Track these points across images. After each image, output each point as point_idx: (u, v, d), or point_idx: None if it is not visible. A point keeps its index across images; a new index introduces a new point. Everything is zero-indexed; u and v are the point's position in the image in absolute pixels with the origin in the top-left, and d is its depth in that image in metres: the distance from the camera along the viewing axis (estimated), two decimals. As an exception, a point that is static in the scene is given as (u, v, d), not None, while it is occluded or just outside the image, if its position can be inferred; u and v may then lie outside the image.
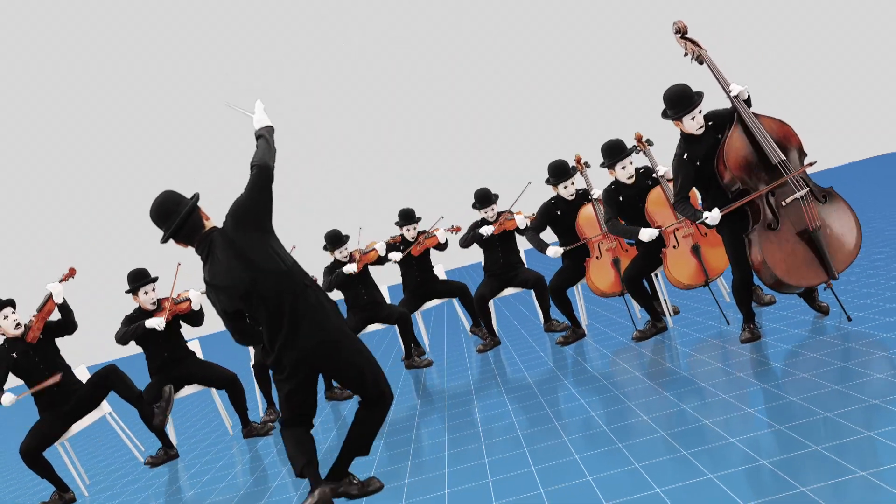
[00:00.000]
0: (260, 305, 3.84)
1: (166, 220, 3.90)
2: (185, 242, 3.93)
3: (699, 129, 5.23)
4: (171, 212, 3.89)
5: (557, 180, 7.18)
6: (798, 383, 4.08)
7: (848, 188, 24.00)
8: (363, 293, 8.24)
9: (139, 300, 6.78)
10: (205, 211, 3.98)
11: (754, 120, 5.06)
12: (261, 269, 3.83)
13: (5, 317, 6.13)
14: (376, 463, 4.87)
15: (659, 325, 6.53)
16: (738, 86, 5.12)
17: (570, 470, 3.72)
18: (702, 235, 6.27)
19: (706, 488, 3.04)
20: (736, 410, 3.92)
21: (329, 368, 3.93)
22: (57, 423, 6.26)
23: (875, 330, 4.73)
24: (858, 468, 2.83)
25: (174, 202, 3.91)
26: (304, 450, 3.98)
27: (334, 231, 8.13)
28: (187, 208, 3.88)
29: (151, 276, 6.79)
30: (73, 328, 6.41)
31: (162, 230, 3.94)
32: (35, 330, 6.18)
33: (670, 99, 5.25)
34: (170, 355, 6.84)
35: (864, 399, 3.55)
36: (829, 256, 4.97)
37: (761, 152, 5.05)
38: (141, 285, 6.72)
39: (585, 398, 5.04)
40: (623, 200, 6.49)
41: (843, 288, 6.50)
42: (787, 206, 5.01)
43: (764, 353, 4.91)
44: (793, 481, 2.88)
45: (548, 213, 7.31)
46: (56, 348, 6.36)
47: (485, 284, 8.22)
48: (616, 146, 6.41)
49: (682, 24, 5.37)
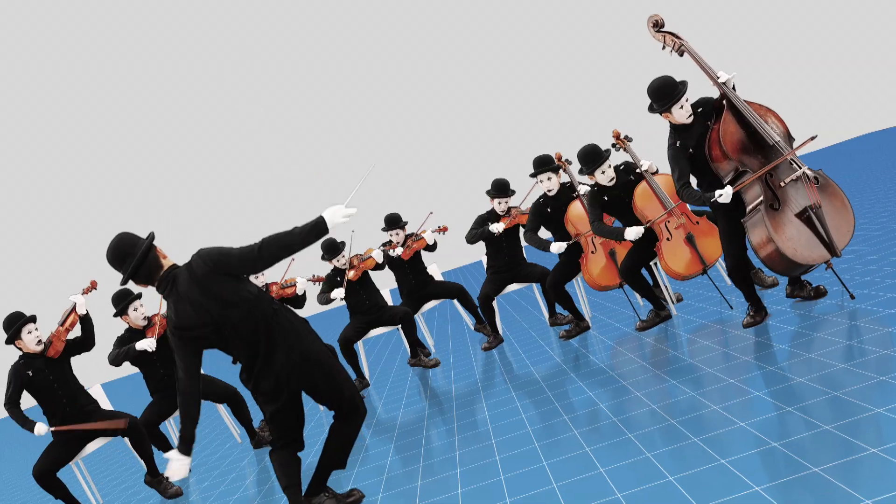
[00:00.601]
0: (233, 336, 3.87)
1: (122, 262, 3.87)
2: (145, 283, 3.91)
3: (689, 117, 5.22)
4: (127, 254, 3.86)
5: (538, 171, 7.19)
6: (804, 364, 4.08)
7: (831, 170, 24.01)
8: (365, 298, 8.23)
9: (129, 320, 6.68)
10: (161, 249, 3.96)
11: (745, 104, 5.06)
12: (228, 300, 3.83)
13: (28, 332, 6.10)
14: (387, 466, 4.87)
15: (662, 314, 6.53)
16: (725, 73, 5.12)
17: (581, 463, 3.72)
18: (693, 224, 6.26)
19: (719, 474, 3.04)
20: (744, 394, 3.92)
21: (308, 387, 3.99)
22: (71, 444, 6.24)
23: (879, 306, 4.73)
24: (870, 445, 2.83)
25: (129, 244, 3.88)
26: (287, 472, 4.04)
27: (330, 240, 8.11)
28: (142, 249, 3.84)
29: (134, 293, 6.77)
30: (92, 344, 6.40)
31: (119, 272, 3.93)
32: (58, 343, 6.16)
33: (655, 92, 5.24)
34: (167, 372, 6.75)
35: (871, 376, 3.55)
36: (831, 234, 4.98)
37: (755, 135, 5.05)
38: (128, 304, 6.63)
39: (593, 390, 5.04)
40: (609, 200, 6.49)
41: (843, 266, 6.51)
42: (785, 186, 5.01)
43: (768, 336, 4.91)
44: (805, 462, 2.88)
45: (539, 212, 7.32)
46: (70, 367, 6.34)
47: (489, 283, 8.19)
48: (592, 153, 6.37)
49: (659, 17, 5.34)
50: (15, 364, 6.15)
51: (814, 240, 4.97)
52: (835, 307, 5.08)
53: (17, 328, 6.05)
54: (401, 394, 7.41)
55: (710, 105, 5.30)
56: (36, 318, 6.18)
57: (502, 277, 8.19)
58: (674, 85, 5.19)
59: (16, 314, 6.14)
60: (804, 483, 2.72)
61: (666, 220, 6.26)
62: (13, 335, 6.07)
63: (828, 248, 4.96)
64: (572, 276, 7.29)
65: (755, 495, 2.75)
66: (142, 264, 3.86)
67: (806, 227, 4.98)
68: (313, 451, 6.08)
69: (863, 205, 11.04)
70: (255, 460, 6.45)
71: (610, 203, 6.50)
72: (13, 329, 6.05)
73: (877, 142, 38.16)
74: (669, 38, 5.28)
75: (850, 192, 14.08)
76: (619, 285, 6.97)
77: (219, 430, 9.17)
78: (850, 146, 44.63)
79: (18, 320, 6.09)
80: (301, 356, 3.93)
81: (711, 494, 2.88)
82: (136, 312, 6.68)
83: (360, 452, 5.50)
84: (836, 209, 5.03)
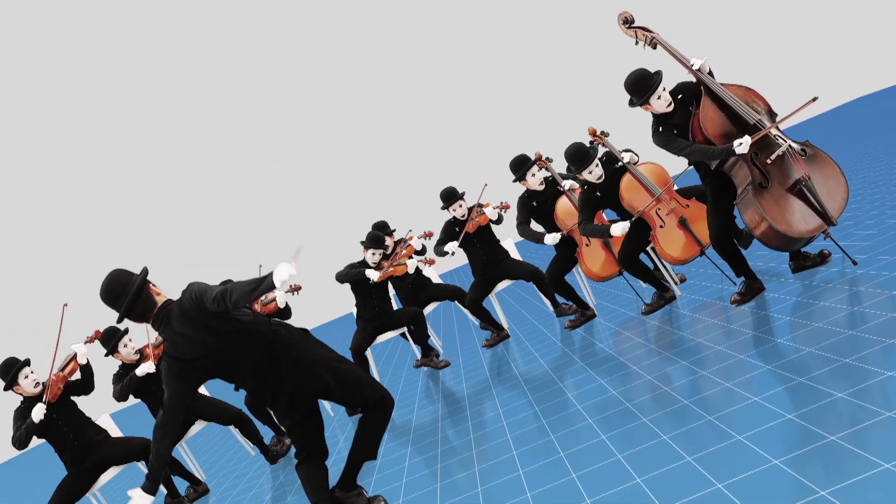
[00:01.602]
0: (236, 365, 3.86)
1: (116, 301, 3.82)
2: (140, 320, 3.87)
3: (668, 105, 5.27)
4: (119, 294, 3.80)
5: (519, 172, 7.20)
6: (812, 334, 4.09)
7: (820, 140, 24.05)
8: (375, 304, 8.00)
9: (121, 356, 6.72)
10: (155, 286, 3.90)
11: (721, 87, 5.10)
12: (223, 330, 3.81)
13: (25, 377, 6.09)
14: (406, 470, 4.87)
15: (666, 296, 6.54)
16: (699, 59, 5.16)
17: (598, 451, 3.73)
18: (684, 207, 6.27)
19: (736, 451, 3.05)
20: (754, 369, 3.93)
21: (322, 393, 3.99)
22: (84, 478, 6.24)
23: (882, 270, 4.74)
24: (884, 409, 2.84)
25: (121, 284, 3.81)
26: (314, 487, 4.03)
27: (373, 234, 7.84)
28: (134, 289, 3.78)
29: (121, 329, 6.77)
30: (91, 389, 6.40)
31: (114, 310, 3.89)
32: (55, 389, 6.15)
33: (631, 86, 5.30)
34: None
35: (881, 340, 3.56)
36: (824, 203, 4.99)
37: (736, 116, 5.08)
38: (117, 341, 6.65)
39: (603, 378, 5.05)
40: (601, 195, 6.51)
41: (842, 234, 6.52)
42: (772, 162, 5.03)
43: (773, 308, 4.93)
44: (821, 431, 2.89)
45: (526, 206, 7.33)
46: (73, 403, 6.33)
47: (475, 287, 8.13)
48: (580, 152, 6.36)
49: (628, 14, 5.36)
50: (18, 408, 6.16)
51: (808, 211, 4.99)
52: (836, 275, 5.09)
53: (14, 374, 6.06)
54: (413, 397, 7.42)
55: (690, 90, 5.34)
56: (30, 362, 6.18)
57: (489, 278, 8.13)
58: (648, 76, 5.26)
59: (10, 360, 6.13)
60: (822, 452, 2.73)
61: (656, 207, 6.27)
62: (10, 381, 6.07)
63: (823, 218, 4.98)
64: (570, 268, 7.29)
65: (774, 468, 2.76)
66: (135, 303, 3.80)
67: (799, 201, 5.00)
68: (337, 448, 6.09)
69: (855, 170, 11.07)
70: (270, 476, 6.45)
71: (602, 199, 6.51)
72: (10, 375, 6.06)
73: (859, 109, 38.24)
74: (641, 32, 5.31)
75: (840, 160, 14.10)
76: (619, 273, 6.98)
77: (234, 448, 9.18)
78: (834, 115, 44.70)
79: (14, 366, 6.09)
80: (307, 366, 3.93)
81: (731, 472, 2.89)
82: (126, 349, 6.72)
83: (378, 458, 5.51)
84: (826, 177, 5.05)
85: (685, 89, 5.35)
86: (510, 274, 8.13)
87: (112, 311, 4.40)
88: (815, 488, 2.50)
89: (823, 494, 2.45)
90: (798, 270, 5.60)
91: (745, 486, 2.73)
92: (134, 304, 3.80)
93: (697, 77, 5.15)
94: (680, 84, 5.40)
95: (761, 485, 2.69)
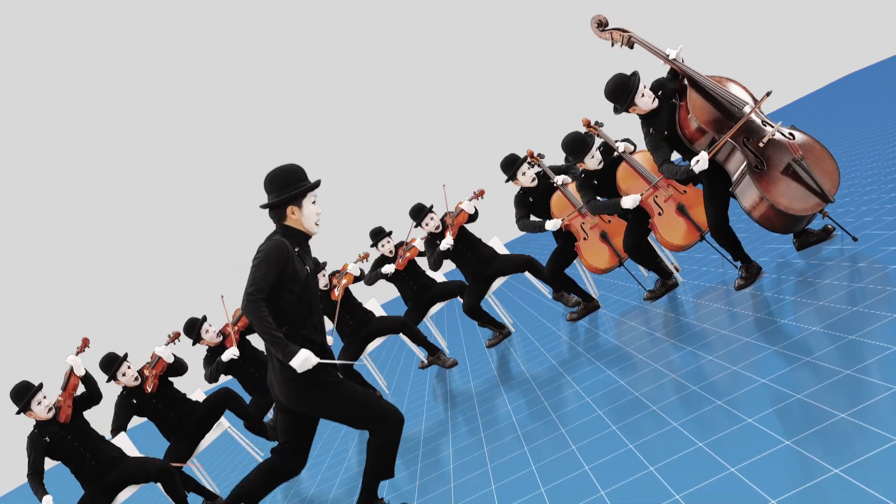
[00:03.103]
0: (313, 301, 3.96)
1: (274, 189, 3.87)
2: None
3: (653, 102, 5.30)
4: (284, 184, 3.87)
5: (510, 172, 7.23)
6: (817, 312, 4.09)
7: (806, 122, 24.06)
8: (348, 318, 8.03)
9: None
10: (294, 214, 3.89)
11: (701, 75, 5.13)
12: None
13: (38, 403, 6.08)
14: (419, 472, 4.88)
15: (669, 283, 6.54)
16: (672, 49, 5.19)
17: (610, 442, 3.73)
18: (682, 194, 6.27)
19: (748, 434, 3.06)
20: (760, 351, 3.93)
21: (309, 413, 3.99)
22: (102, 496, 6.23)
23: (883, 244, 4.74)
24: (892, 383, 2.85)
25: (295, 174, 3.89)
26: (253, 485, 4.01)
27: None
28: (283, 198, 3.83)
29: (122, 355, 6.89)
30: (99, 398, 6.40)
31: (271, 196, 3.90)
32: (66, 409, 6.14)
33: (612, 93, 5.38)
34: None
35: (885, 315, 3.57)
36: (819, 181, 5.00)
37: (721, 104, 5.12)
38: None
39: (610, 368, 5.05)
40: (598, 183, 6.52)
41: (840, 211, 6.53)
42: (765, 146, 5.05)
43: (777, 289, 4.93)
44: (831, 409, 2.89)
45: (523, 202, 7.38)
46: (85, 421, 6.33)
47: (470, 292, 8.14)
48: (578, 141, 6.39)
49: (602, 17, 5.36)
50: (31, 434, 6.14)
51: (804, 191, 5.00)
52: (836, 252, 5.10)
53: (27, 401, 6.05)
54: (421, 399, 7.43)
55: (668, 85, 5.38)
56: (43, 386, 6.17)
57: (482, 279, 8.16)
58: (626, 80, 5.32)
59: (23, 385, 6.11)
60: (833, 430, 2.73)
61: (654, 194, 6.27)
62: (24, 407, 6.06)
63: (819, 196, 4.99)
64: (569, 261, 7.30)
65: (787, 449, 2.76)
66: (274, 206, 3.88)
67: (794, 181, 5.01)
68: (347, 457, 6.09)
69: (842, 151, 11.07)
70: (357, 435, 6.46)
71: (600, 186, 6.53)
72: (24, 402, 6.05)
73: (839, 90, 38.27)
74: (617, 33, 5.32)
75: (828, 140, 14.10)
76: (619, 264, 6.99)
77: (246, 460, 9.18)
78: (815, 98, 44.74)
79: (27, 391, 6.08)
80: (278, 385, 3.90)
81: (744, 455, 2.90)
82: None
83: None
84: (816, 157, 5.08)
85: (662, 86, 5.42)
86: (503, 270, 8.14)
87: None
88: (828, 466, 2.51)
89: (837, 472, 2.45)
90: (802, 248, 5.61)
91: (759, 469, 2.73)
92: (274, 205, 3.90)
93: (677, 67, 5.17)
94: (656, 81, 5.46)
95: (774, 466, 2.69)
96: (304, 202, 3.90)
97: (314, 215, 3.94)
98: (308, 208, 3.91)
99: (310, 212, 3.92)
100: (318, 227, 3.96)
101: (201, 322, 7.53)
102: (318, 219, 3.95)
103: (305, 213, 3.91)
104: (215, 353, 7.60)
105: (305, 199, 3.90)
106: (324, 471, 6.27)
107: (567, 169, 7.12)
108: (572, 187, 7.09)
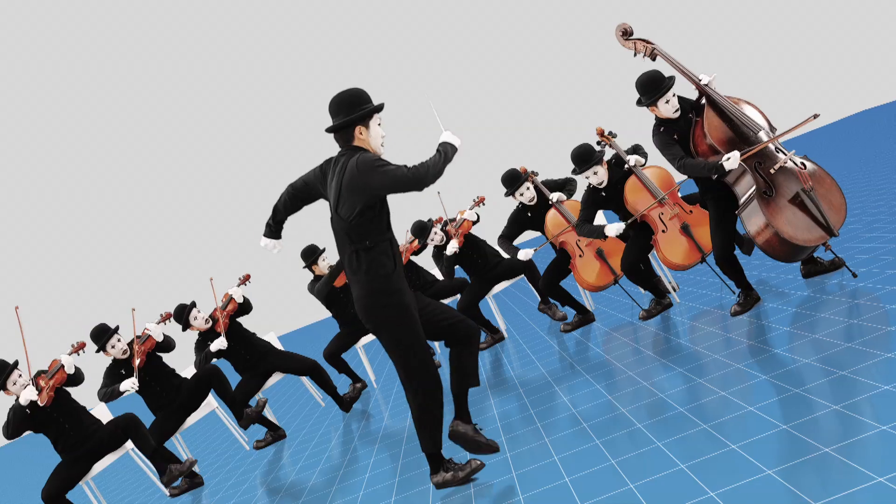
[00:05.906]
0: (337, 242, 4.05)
1: (341, 111, 3.91)
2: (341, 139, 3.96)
3: (675, 112, 5.27)
4: (351, 105, 3.90)
5: (513, 188, 7.30)
6: (812, 344, 4.08)
7: (817, 154, 24.05)
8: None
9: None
10: (362, 135, 3.92)
11: (724, 98, 5.13)
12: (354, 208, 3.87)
13: (13, 383, 6.09)
14: (399, 469, 4.87)
15: (664, 302, 6.54)
16: (707, 75, 5.20)
17: (592, 456, 3.72)
18: (687, 213, 6.27)
19: (730, 460, 3.05)
20: (750, 378, 3.93)
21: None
22: (79, 465, 6.25)
23: (882, 283, 4.74)
24: (879, 423, 2.84)
25: (360, 97, 3.92)
26: None
27: (311, 246, 8.18)
28: (352, 117, 3.86)
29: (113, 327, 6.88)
30: (82, 380, 6.45)
31: (335, 118, 3.95)
32: (49, 392, 6.15)
33: (643, 85, 5.29)
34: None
35: (879, 353, 3.56)
36: (826, 214, 5.00)
37: (738, 127, 5.11)
38: (108, 339, 6.78)
39: (599, 383, 5.04)
40: (605, 195, 6.53)
41: (842, 246, 6.52)
42: (776, 173, 5.05)
43: (772, 319, 4.92)
44: (815, 443, 2.88)
45: (519, 220, 7.48)
46: (67, 394, 6.34)
47: (469, 290, 8.19)
48: (584, 152, 6.40)
49: (627, 25, 5.35)
50: (13, 406, 6.19)
51: (810, 222, 4.99)
52: (835, 287, 5.09)
53: (3, 380, 6.05)
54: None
55: (690, 104, 5.37)
56: (18, 363, 6.17)
57: (484, 281, 8.23)
58: (661, 79, 5.26)
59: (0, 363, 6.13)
60: (816, 464, 2.72)
61: (659, 211, 6.26)
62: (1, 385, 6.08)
63: (824, 229, 4.98)
64: (564, 275, 7.34)
65: (767, 479, 2.76)
66: (342, 127, 3.91)
67: (800, 211, 5.01)
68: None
69: (850, 186, 11.06)
70: (343, 428, 6.45)
71: (608, 199, 6.53)
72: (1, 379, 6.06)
73: (854, 125, 38.26)
74: (641, 44, 5.30)
75: (837, 174, 14.09)
76: (614, 282, 7.00)
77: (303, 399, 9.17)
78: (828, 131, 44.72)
79: (3, 371, 6.08)
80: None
81: (723, 480, 2.89)
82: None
83: (370, 457, 5.50)
84: (826, 189, 5.08)
85: (685, 102, 5.39)
86: (507, 274, 8.20)
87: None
88: (807, 499, 2.50)
89: (816, 506, 2.44)
90: (809, 276, 5.60)
91: (738, 495, 2.72)
92: (342, 127, 3.90)
93: (701, 88, 5.17)
94: (680, 97, 5.43)
95: (754, 494, 2.68)
96: (371, 123, 3.95)
97: (380, 136, 3.98)
98: (374, 129, 3.96)
99: (376, 132, 3.97)
100: (383, 149, 4.01)
101: (190, 308, 7.53)
102: (383, 140, 4.00)
103: (373, 132, 3.95)
104: (206, 337, 7.64)
105: (372, 120, 3.95)
106: (305, 458, 6.26)
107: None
108: (567, 204, 7.15)
